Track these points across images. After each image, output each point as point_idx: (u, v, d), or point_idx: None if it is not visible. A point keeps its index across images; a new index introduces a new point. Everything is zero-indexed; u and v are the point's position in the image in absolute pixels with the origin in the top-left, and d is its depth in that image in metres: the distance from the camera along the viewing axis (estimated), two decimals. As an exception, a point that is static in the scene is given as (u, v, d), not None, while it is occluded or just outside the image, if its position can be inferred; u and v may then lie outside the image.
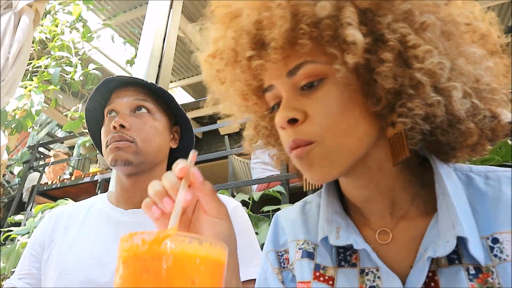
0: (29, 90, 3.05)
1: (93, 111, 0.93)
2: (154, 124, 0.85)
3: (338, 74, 0.43)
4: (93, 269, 0.76)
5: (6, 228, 2.57)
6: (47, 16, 3.51)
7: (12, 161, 4.26)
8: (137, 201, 0.85)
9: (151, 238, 0.30)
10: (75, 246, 0.80)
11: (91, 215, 0.86)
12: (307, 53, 0.45)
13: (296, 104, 0.46)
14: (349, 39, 0.41)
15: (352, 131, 0.45)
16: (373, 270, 0.47)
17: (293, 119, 0.46)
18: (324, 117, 0.44)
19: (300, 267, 0.54)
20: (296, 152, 0.46)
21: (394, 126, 0.45)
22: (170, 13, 2.71)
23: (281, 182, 2.08)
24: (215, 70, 0.52)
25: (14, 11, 1.95)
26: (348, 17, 0.41)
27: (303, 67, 0.45)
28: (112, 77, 0.86)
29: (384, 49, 0.42)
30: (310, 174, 0.47)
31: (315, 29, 0.43)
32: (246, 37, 0.46)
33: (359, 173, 0.49)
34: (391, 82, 0.42)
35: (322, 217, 0.53)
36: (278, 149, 0.59)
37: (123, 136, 0.81)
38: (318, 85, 0.45)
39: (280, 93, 0.49)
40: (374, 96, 0.44)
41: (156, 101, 0.88)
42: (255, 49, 0.46)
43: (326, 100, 0.45)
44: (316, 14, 0.42)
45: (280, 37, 0.43)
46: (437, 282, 0.43)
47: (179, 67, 5.37)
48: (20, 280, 0.82)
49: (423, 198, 0.49)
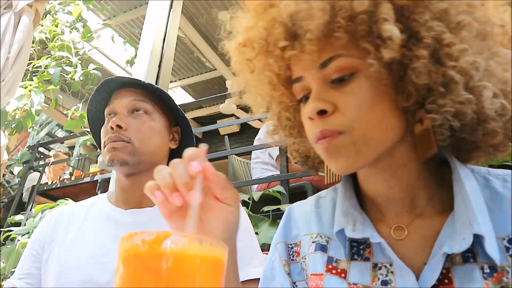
0: (29, 90, 3.05)
1: (94, 112, 0.93)
2: (151, 125, 0.85)
3: (371, 68, 0.44)
4: (93, 269, 0.76)
5: (6, 228, 2.58)
6: (47, 16, 3.50)
7: (12, 161, 4.26)
8: (137, 201, 0.85)
9: (151, 238, 0.30)
10: (75, 246, 0.80)
11: (91, 215, 0.86)
12: (340, 46, 0.45)
13: (326, 96, 0.47)
14: (386, 35, 0.42)
15: (379, 124, 0.46)
16: (386, 265, 0.48)
17: (323, 111, 0.46)
18: (354, 110, 0.45)
19: (313, 260, 0.54)
20: (323, 142, 0.47)
21: (422, 122, 0.46)
22: (170, 13, 2.71)
23: (281, 182, 2.08)
24: (245, 58, 0.53)
25: (14, 11, 1.95)
26: (385, 13, 0.42)
27: (336, 60, 0.46)
28: (110, 78, 0.86)
29: (419, 46, 0.43)
30: (335, 164, 0.48)
31: (350, 23, 0.44)
32: (280, 28, 0.47)
33: (382, 166, 0.50)
34: (425, 79, 0.43)
35: (338, 210, 0.53)
36: (299, 141, 0.59)
37: (119, 137, 0.81)
38: (349, 79, 0.46)
39: (309, 85, 0.49)
40: (405, 92, 0.45)
41: (154, 102, 0.88)
42: (289, 39, 0.47)
43: (356, 93, 0.46)
44: (353, 8, 0.43)
45: (317, 29, 0.44)
46: (451, 279, 0.43)
47: (179, 67, 5.37)
48: (20, 280, 0.82)
49: (440, 198, 0.50)
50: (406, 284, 0.44)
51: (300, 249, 0.58)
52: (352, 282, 0.49)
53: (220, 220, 0.44)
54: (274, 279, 0.58)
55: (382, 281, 0.47)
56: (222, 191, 0.44)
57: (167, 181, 0.40)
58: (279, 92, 0.53)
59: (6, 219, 3.09)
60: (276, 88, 0.53)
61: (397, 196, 0.51)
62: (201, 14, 4.26)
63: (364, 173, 0.54)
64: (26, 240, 2.07)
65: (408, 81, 0.44)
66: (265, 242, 1.63)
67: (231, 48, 0.55)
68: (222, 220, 0.44)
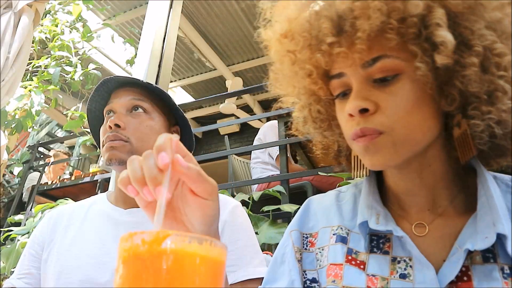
0: (29, 90, 3.05)
1: (94, 112, 0.93)
2: (150, 124, 0.86)
3: (418, 71, 0.44)
4: (92, 269, 0.76)
5: (6, 228, 2.58)
6: (47, 16, 3.50)
7: (12, 161, 4.26)
8: None
9: (151, 238, 0.30)
10: (75, 246, 0.81)
11: (91, 215, 0.86)
12: (387, 47, 0.46)
13: (368, 95, 0.47)
14: (438, 40, 0.43)
15: (419, 125, 0.47)
16: (405, 259, 0.48)
17: (365, 109, 0.47)
18: (396, 111, 0.46)
19: (334, 250, 0.55)
20: (363, 140, 0.47)
21: (459, 126, 0.48)
22: (170, 13, 2.71)
23: (281, 182, 2.08)
24: (286, 49, 0.54)
25: (14, 11, 1.95)
26: (439, 18, 0.43)
27: (381, 61, 0.47)
28: (110, 77, 0.86)
29: (470, 54, 0.44)
30: (371, 160, 0.48)
31: (402, 25, 0.44)
32: (327, 23, 0.47)
33: (411, 166, 0.51)
34: (475, 86, 0.44)
35: (362, 203, 0.55)
36: (328, 134, 0.60)
37: (117, 135, 0.81)
38: (392, 80, 0.47)
39: (349, 82, 0.50)
40: (449, 96, 0.46)
41: (153, 101, 0.89)
42: (335, 35, 0.47)
43: (399, 95, 0.46)
44: (407, 11, 0.44)
45: (371, 29, 0.44)
46: (470, 276, 0.44)
47: (179, 67, 5.37)
48: (20, 280, 0.82)
49: (462, 200, 0.51)
50: (425, 278, 0.45)
51: (316, 240, 0.59)
52: (371, 274, 0.50)
53: (197, 213, 0.43)
54: (284, 264, 0.58)
55: (400, 274, 0.47)
56: (195, 185, 0.41)
57: (137, 175, 0.38)
58: (317, 86, 0.54)
59: (6, 219, 3.09)
60: (314, 82, 0.54)
61: (420, 194, 0.53)
62: (201, 14, 4.26)
63: (391, 171, 0.55)
64: (26, 240, 2.07)
65: (454, 87, 0.45)
66: (265, 242, 1.63)
67: (269, 37, 0.56)
68: (198, 213, 0.43)
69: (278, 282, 0.57)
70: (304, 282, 0.56)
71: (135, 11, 4.38)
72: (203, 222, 0.43)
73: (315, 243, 0.59)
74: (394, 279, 0.47)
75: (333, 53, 0.48)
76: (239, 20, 4.37)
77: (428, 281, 0.45)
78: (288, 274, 0.56)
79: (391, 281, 0.48)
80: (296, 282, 0.55)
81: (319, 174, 2.00)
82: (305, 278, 0.57)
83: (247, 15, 4.28)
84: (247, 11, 4.22)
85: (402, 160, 0.48)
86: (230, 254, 0.76)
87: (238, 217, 0.85)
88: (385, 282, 0.48)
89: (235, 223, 0.83)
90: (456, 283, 0.44)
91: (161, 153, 0.37)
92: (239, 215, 0.86)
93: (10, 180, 4.69)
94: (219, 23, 4.43)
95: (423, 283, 0.45)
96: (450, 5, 0.44)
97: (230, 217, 0.83)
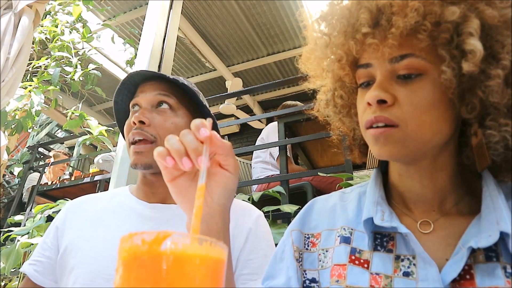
0: (29, 90, 3.04)
1: (120, 104, 0.93)
2: (175, 121, 0.84)
3: (443, 75, 0.46)
4: (110, 262, 0.75)
5: (6, 228, 2.57)
6: (47, 17, 3.50)
7: (12, 162, 4.26)
8: (161, 197, 0.85)
9: (151, 238, 0.30)
10: (96, 237, 0.80)
11: (113, 207, 0.86)
12: (416, 46, 0.47)
13: (390, 88, 0.49)
14: (468, 48, 0.44)
15: (431, 126, 0.48)
16: (409, 257, 0.49)
17: (383, 101, 0.49)
18: (413, 108, 0.48)
19: (338, 252, 0.56)
20: (376, 131, 0.49)
21: (476, 135, 0.49)
22: (170, 13, 2.72)
23: (281, 182, 2.08)
24: (321, 31, 0.56)
25: (14, 11, 1.95)
26: (473, 28, 0.44)
27: (408, 59, 0.48)
28: (136, 71, 0.86)
29: (496, 66, 0.45)
30: (379, 150, 0.50)
31: (435, 28, 0.46)
32: (366, 13, 0.49)
33: (421, 167, 0.53)
34: (496, 97, 0.45)
35: (369, 200, 0.56)
36: (346, 120, 0.62)
37: (142, 133, 0.81)
38: (415, 78, 0.48)
39: (374, 73, 0.52)
40: (469, 104, 0.47)
41: (179, 97, 0.87)
42: (371, 27, 0.49)
43: (418, 93, 0.48)
44: (443, 16, 0.45)
45: (405, 27, 0.46)
46: (472, 275, 0.44)
47: (179, 67, 5.37)
48: (30, 266, 0.83)
49: (467, 202, 0.53)
50: (428, 276, 0.46)
51: (318, 241, 0.60)
52: (375, 272, 0.50)
53: (220, 185, 0.49)
54: (283, 261, 0.60)
55: (404, 272, 0.48)
56: (225, 158, 0.48)
57: (177, 147, 0.44)
58: (344, 72, 0.56)
59: (6, 219, 3.09)
60: (343, 67, 0.55)
61: (427, 195, 0.54)
62: (201, 15, 4.26)
63: (400, 169, 0.56)
64: (26, 240, 2.06)
65: (476, 95, 0.46)
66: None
67: (307, 17, 0.59)
68: (221, 185, 0.49)
69: (277, 279, 0.58)
70: (303, 282, 0.57)
71: (135, 12, 4.38)
72: (224, 195, 0.49)
73: (317, 244, 0.59)
74: (397, 277, 0.48)
75: (366, 43, 0.50)
76: (239, 20, 4.37)
77: (431, 279, 0.45)
78: (286, 271, 0.57)
79: (395, 279, 0.48)
80: (292, 280, 0.56)
81: (318, 175, 2.00)
82: (304, 277, 0.57)
83: (247, 15, 4.28)
84: (247, 11, 4.22)
85: (409, 155, 0.50)
86: (251, 262, 0.77)
87: (261, 226, 0.86)
88: (389, 280, 0.48)
89: (258, 233, 0.83)
90: (459, 281, 0.44)
91: (202, 128, 0.44)
92: (262, 225, 0.86)
93: (10, 181, 4.68)
94: (219, 24, 4.43)
95: (426, 281, 0.45)
96: (487, 17, 0.45)
97: (254, 226, 0.83)
